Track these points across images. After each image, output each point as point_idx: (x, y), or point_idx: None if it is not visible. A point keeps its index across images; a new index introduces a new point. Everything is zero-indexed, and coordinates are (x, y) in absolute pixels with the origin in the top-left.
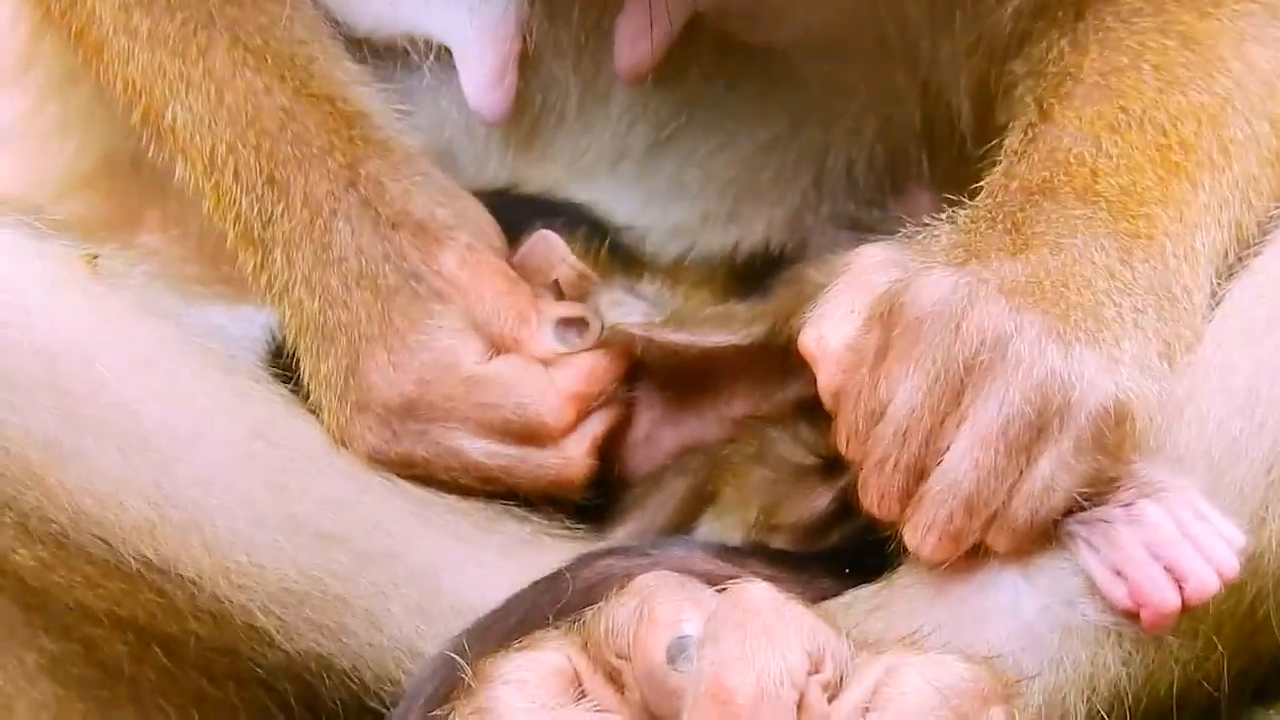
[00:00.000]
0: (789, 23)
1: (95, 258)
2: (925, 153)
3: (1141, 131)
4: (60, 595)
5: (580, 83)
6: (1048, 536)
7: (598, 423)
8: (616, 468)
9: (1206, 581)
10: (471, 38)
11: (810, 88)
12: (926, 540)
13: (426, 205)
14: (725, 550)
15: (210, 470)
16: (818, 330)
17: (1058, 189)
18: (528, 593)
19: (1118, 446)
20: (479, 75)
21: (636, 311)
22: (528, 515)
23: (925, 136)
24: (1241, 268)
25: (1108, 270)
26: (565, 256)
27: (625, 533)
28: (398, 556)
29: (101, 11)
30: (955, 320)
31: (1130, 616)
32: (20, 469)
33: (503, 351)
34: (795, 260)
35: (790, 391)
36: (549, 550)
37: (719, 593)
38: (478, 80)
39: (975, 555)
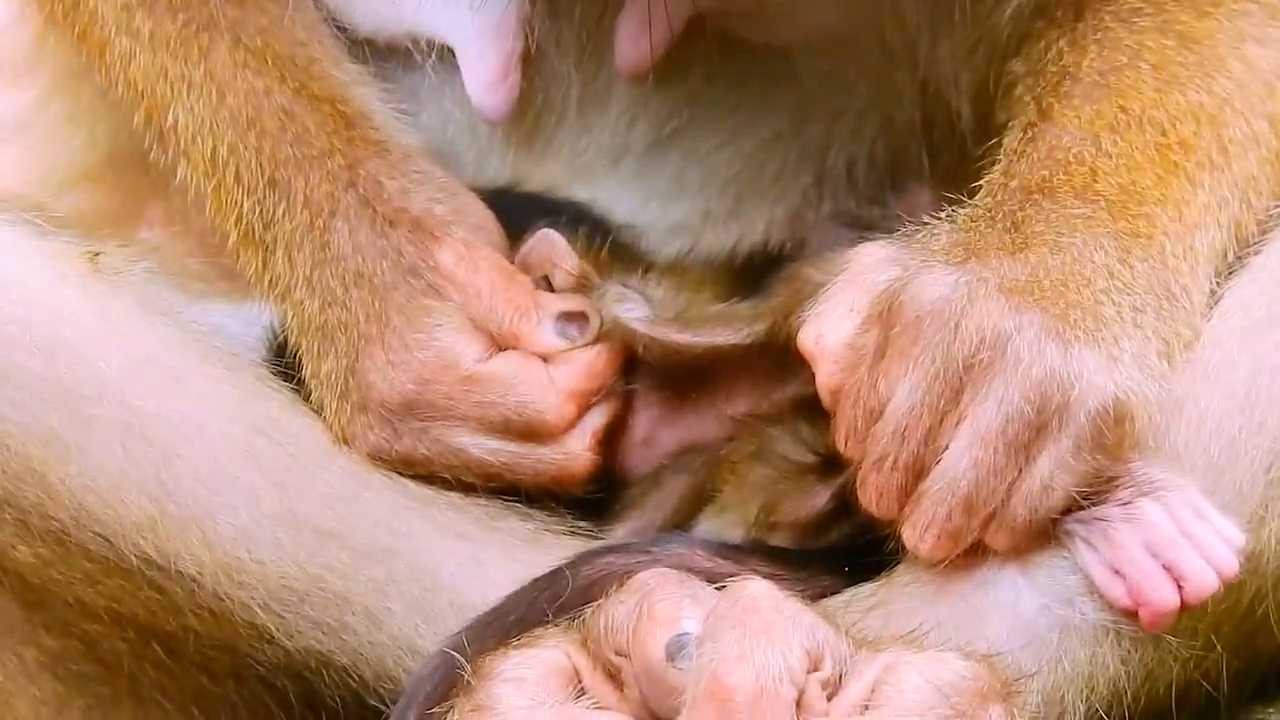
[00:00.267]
0: (789, 22)
1: (97, 255)
2: (925, 151)
3: (1141, 131)
4: (60, 592)
5: (581, 81)
6: (1046, 535)
7: (598, 417)
8: (614, 466)
9: (1205, 581)
10: (473, 37)
11: (811, 86)
12: (925, 539)
13: (424, 202)
14: (725, 548)
15: (211, 467)
16: (817, 328)
17: (1057, 188)
18: (527, 590)
19: (1117, 446)
20: (481, 75)
21: (638, 308)
22: (529, 513)
23: (925, 135)
24: (1241, 266)
25: (1107, 269)
26: (566, 254)
27: (625, 530)
28: (397, 554)
29: (103, 13)
30: (954, 319)
31: (1129, 615)
32: (21, 466)
33: (503, 348)
34: (795, 258)
35: (790, 390)
36: (549, 548)
37: (718, 590)
38: (480, 80)
39: (974, 554)
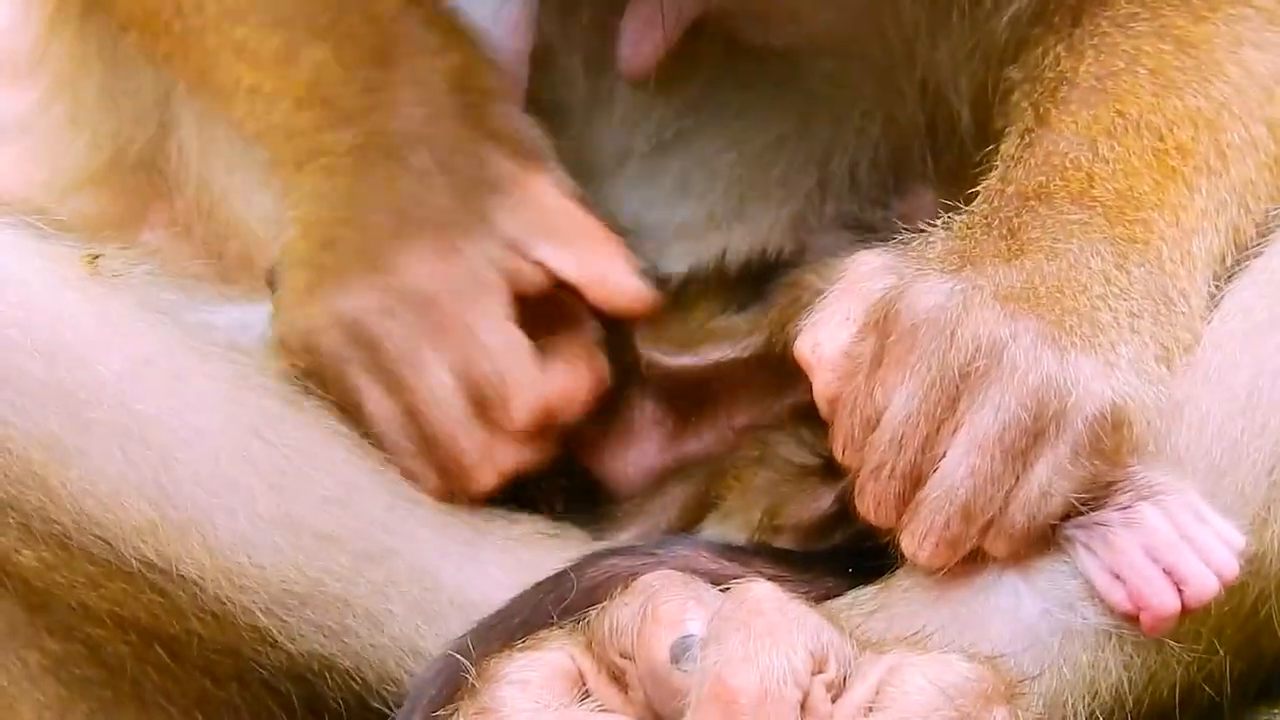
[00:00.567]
0: (792, 23)
1: (96, 258)
2: (929, 153)
3: (1138, 136)
4: (63, 596)
5: (587, 82)
6: (1046, 541)
7: (517, 457)
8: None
9: (1206, 584)
10: (481, 34)
11: (814, 87)
12: (923, 547)
13: (527, 133)
14: (729, 549)
15: (209, 470)
16: (813, 337)
17: (1054, 194)
18: (532, 592)
19: (1115, 451)
20: None
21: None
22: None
23: (928, 137)
24: (1241, 269)
25: (1104, 275)
26: None
27: (629, 535)
28: (398, 556)
29: None
30: (950, 327)
31: (1130, 620)
32: (22, 470)
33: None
34: (796, 265)
35: (789, 399)
36: (550, 549)
37: (723, 592)
38: None
39: (974, 559)
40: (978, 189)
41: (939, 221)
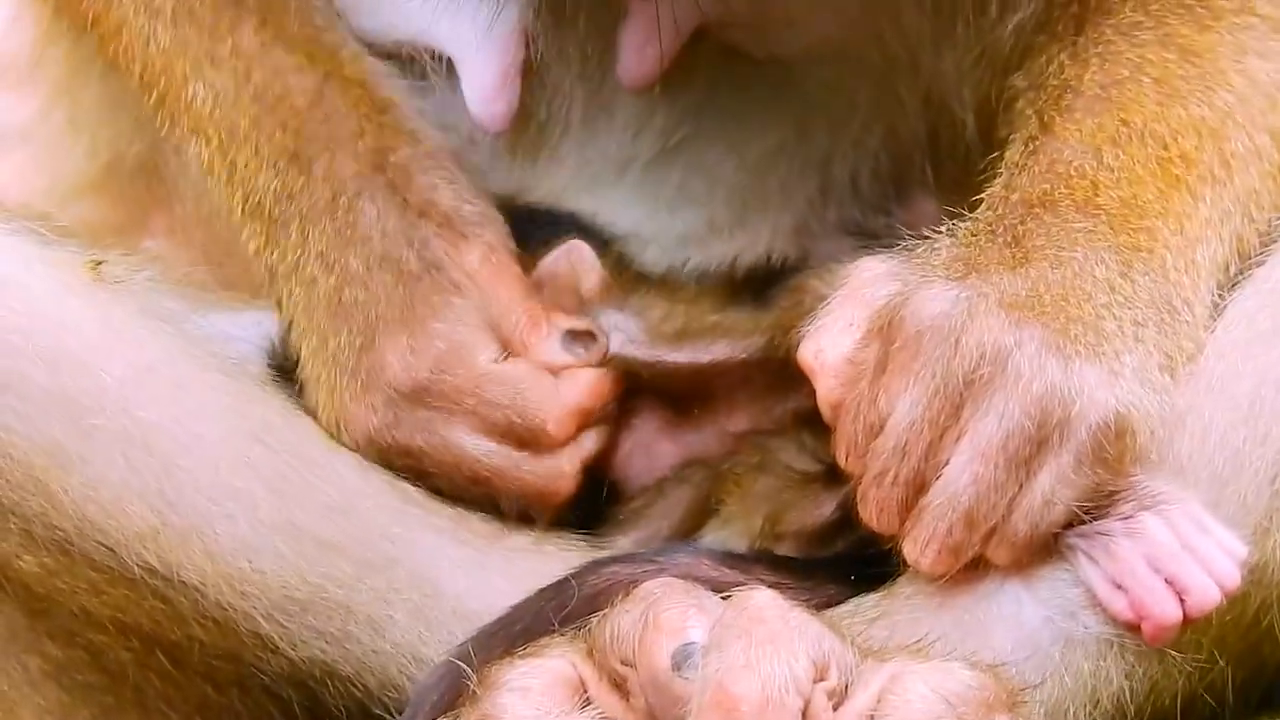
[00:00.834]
0: (791, 34)
1: (99, 264)
2: (929, 161)
3: (1142, 144)
4: (64, 601)
5: (585, 91)
6: (1048, 549)
7: (590, 441)
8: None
9: (1208, 594)
10: (473, 46)
11: (814, 96)
12: (926, 554)
13: (453, 200)
14: (730, 557)
15: (211, 476)
16: (816, 343)
17: (1058, 202)
18: (533, 600)
19: (1118, 460)
20: (481, 84)
21: (631, 334)
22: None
23: (930, 145)
24: (1244, 278)
25: (1108, 284)
26: (594, 265)
27: (629, 542)
28: (399, 563)
29: None
30: (955, 334)
31: (1132, 629)
32: (24, 475)
33: (513, 355)
34: (797, 270)
35: (791, 404)
36: (552, 557)
37: (724, 600)
38: (479, 89)
39: (976, 567)
40: (981, 196)
41: (943, 228)
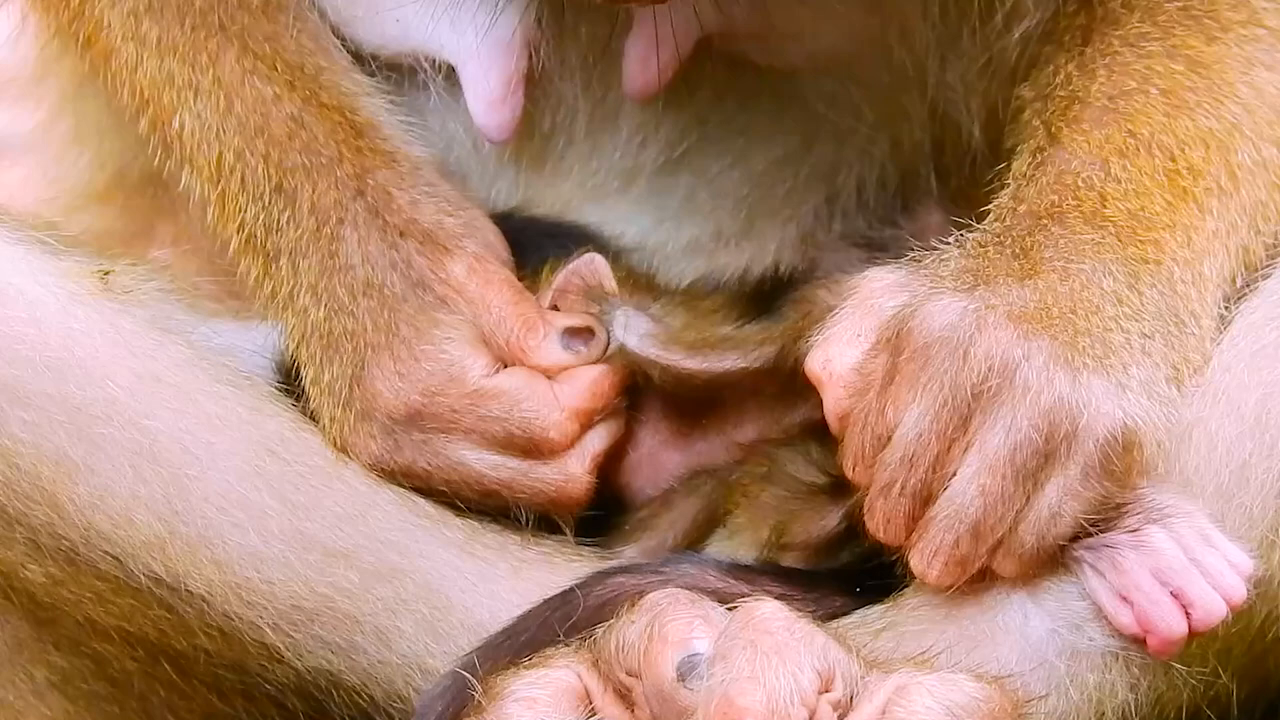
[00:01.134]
0: (796, 44)
1: (107, 274)
2: (935, 172)
3: (1150, 156)
4: (71, 611)
5: (590, 102)
6: (1054, 562)
7: (599, 439)
8: (618, 487)
9: (1214, 608)
10: (476, 56)
11: (818, 107)
12: (932, 565)
13: (434, 214)
14: (736, 568)
15: (219, 487)
16: (825, 353)
17: (1066, 213)
18: (539, 610)
19: (1125, 473)
20: (484, 94)
21: (649, 333)
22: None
23: (935, 157)
24: (1251, 290)
25: (1116, 296)
26: (609, 279)
27: (636, 552)
28: (406, 574)
29: (110, 19)
30: (963, 346)
31: (1137, 642)
32: (31, 485)
33: (508, 363)
34: (806, 281)
35: (799, 414)
36: (558, 567)
37: (730, 610)
38: (482, 98)
39: (982, 578)
40: (989, 207)
41: (951, 239)
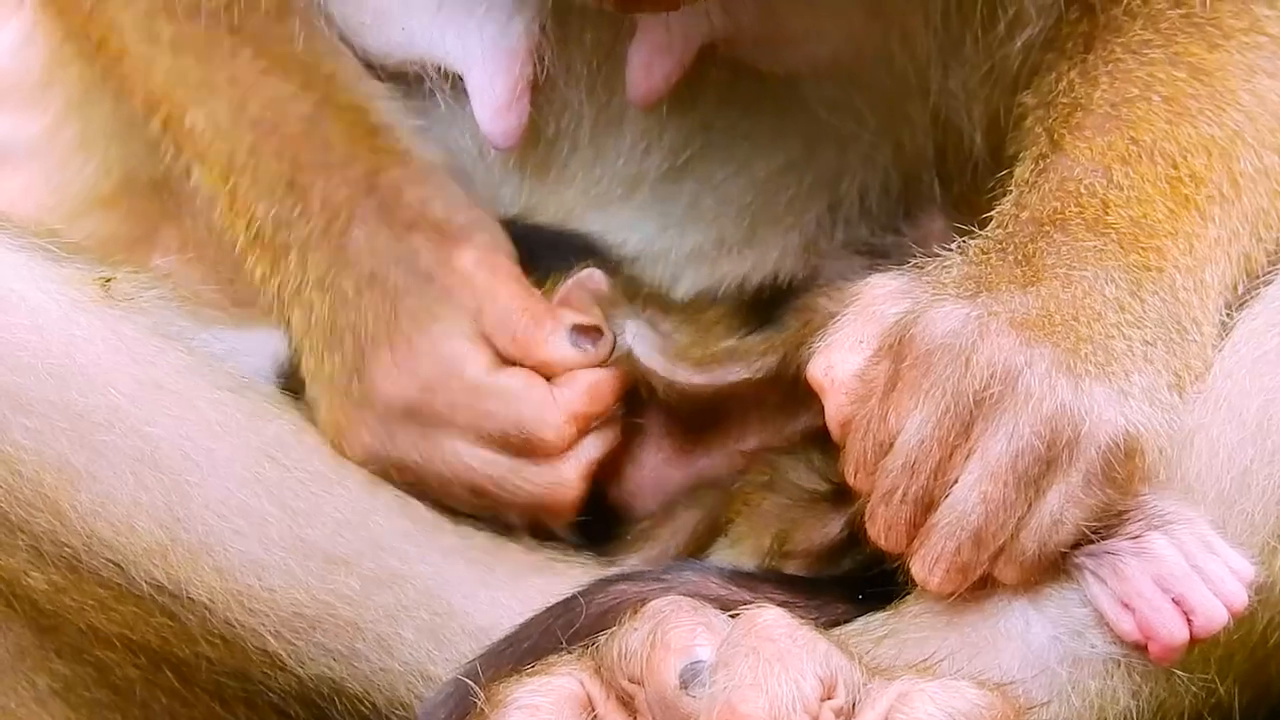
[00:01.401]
0: (799, 51)
1: (109, 281)
2: (938, 179)
3: (1152, 163)
4: (73, 618)
5: (594, 109)
6: (1056, 568)
7: (594, 446)
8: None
9: (1215, 614)
10: (482, 63)
11: (821, 114)
12: (934, 572)
13: (444, 209)
14: (738, 575)
15: (220, 494)
16: (826, 360)
17: (1068, 220)
18: (541, 617)
19: (1127, 480)
20: (490, 100)
21: (654, 345)
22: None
23: (938, 163)
24: (1253, 297)
25: (1118, 303)
26: (610, 293)
27: (637, 561)
28: (407, 580)
29: (123, 20)
30: (965, 353)
31: (1139, 649)
32: (33, 492)
33: (511, 360)
34: (806, 289)
35: (801, 422)
36: (560, 574)
37: (732, 618)
38: (488, 105)
39: (984, 585)
40: (991, 214)
41: (954, 246)
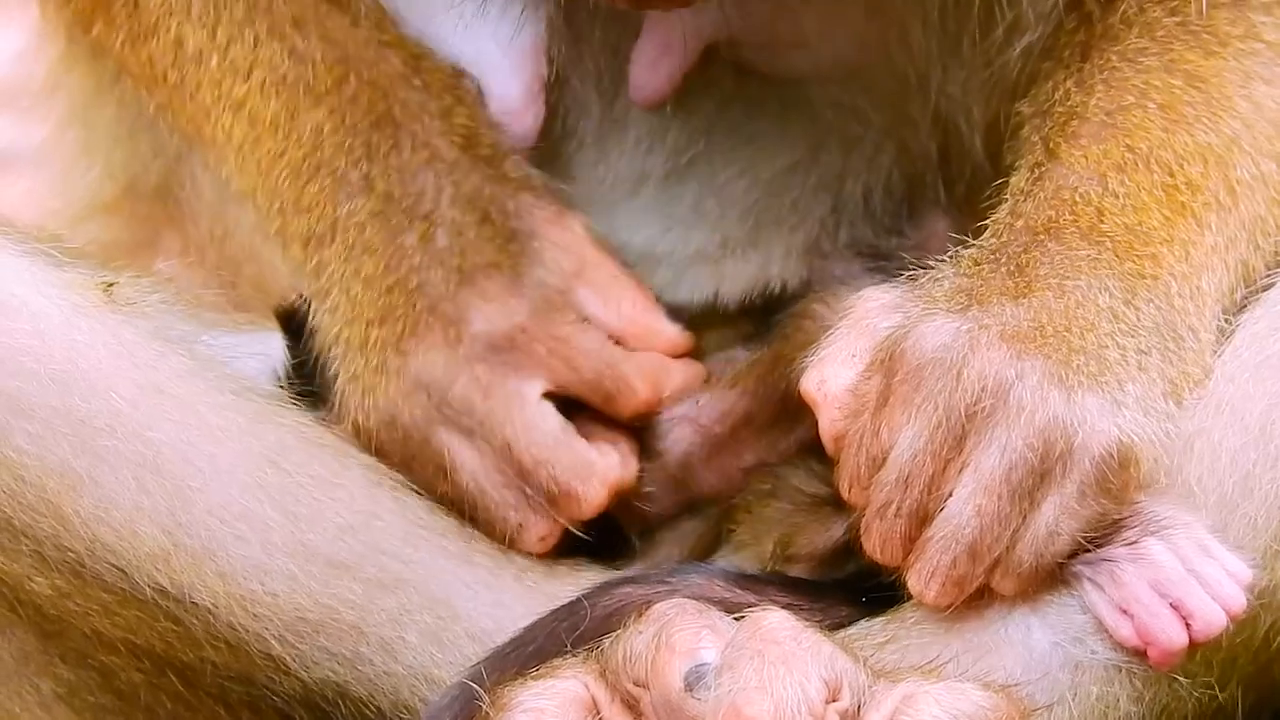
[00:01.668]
0: (801, 52)
1: (111, 285)
2: (941, 181)
3: (1148, 171)
4: (77, 623)
5: (599, 107)
6: (1053, 576)
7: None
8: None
9: (1213, 619)
10: (498, 63)
11: (825, 115)
12: (930, 586)
13: (544, 182)
14: (743, 578)
15: (222, 498)
16: (819, 374)
17: (1063, 228)
18: (546, 620)
19: (1122, 490)
20: (507, 100)
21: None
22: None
23: (941, 165)
24: (1253, 301)
25: (1112, 312)
26: None
27: (642, 566)
28: (410, 584)
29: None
30: (957, 367)
31: (1138, 654)
32: (36, 497)
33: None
34: (804, 295)
35: (796, 436)
36: (564, 577)
37: (737, 620)
38: (506, 105)
39: (983, 595)
40: (986, 222)
41: (947, 256)
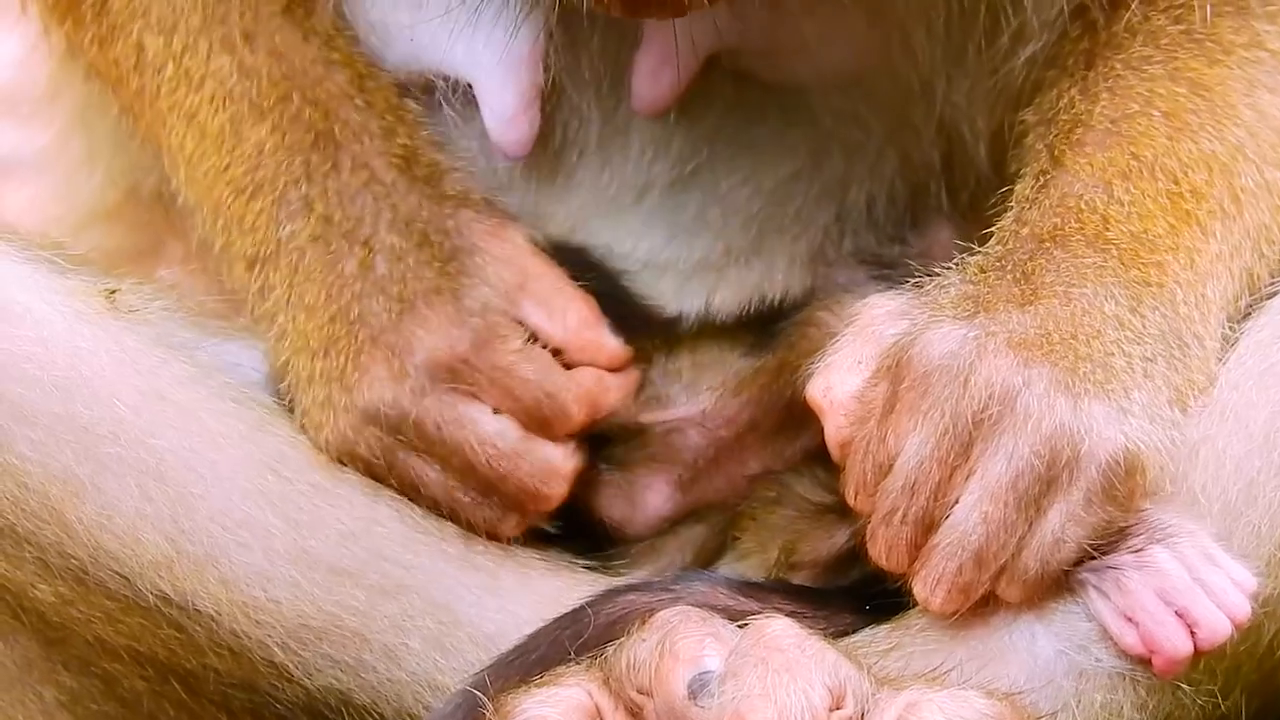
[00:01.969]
0: (803, 61)
1: (114, 292)
2: (944, 189)
3: (1153, 179)
4: (80, 630)
5: (601, 116)
6: (1058, 583)
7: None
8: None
9: (1218, 627)
10: (492, 72)
11: (828, 124)
12: (936, 593)
13: (484, 196)
14: (746, 586)
15: (226, 505)
16: (825, 381)
17: (1069, 236)
18: (549, 628)
19: (1128, 497)
20: (500, 109)
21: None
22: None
23: (944, 173)
24: (1258, 309)
25: (1117, 319)
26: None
27: (645, 573)
28: (412, 590)
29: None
30: (963, 374)
31: (1143, 662)
32: (39, 504)
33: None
34: (808, 303)
35: (801, 443)
36: (566, 582)
37: (741, 628)
38: (499, 114)
39: (988, 601)
40: (992, 229)
41: (953, 263)
